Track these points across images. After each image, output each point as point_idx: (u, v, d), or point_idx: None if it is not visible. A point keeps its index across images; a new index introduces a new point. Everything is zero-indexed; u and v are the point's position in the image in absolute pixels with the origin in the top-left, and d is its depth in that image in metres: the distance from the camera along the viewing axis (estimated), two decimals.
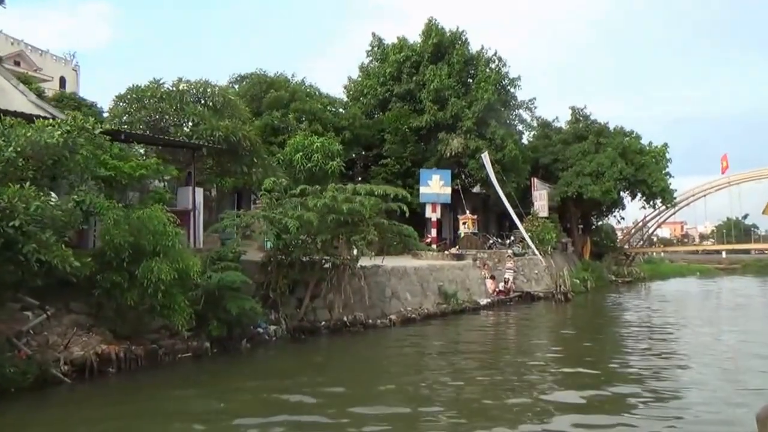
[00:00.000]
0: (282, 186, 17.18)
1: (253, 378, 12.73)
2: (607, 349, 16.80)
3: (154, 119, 21.09)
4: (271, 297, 17.05)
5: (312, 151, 27.73)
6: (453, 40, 35.05)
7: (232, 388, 11.67)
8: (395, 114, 33.79)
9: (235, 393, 11.34)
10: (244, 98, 31.83)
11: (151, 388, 11.71)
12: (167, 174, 15.42)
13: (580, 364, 13.93)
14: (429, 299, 21.91)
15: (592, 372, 12.94)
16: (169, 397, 11.13)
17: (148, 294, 12.18)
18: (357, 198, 16.19)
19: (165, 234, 12.66)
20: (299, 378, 12.54)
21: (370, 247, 17.65)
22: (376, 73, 36.17)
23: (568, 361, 14.66)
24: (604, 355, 15.51)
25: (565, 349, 16.66)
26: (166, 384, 12.10)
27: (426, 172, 28.47)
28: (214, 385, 12.01)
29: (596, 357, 15.16)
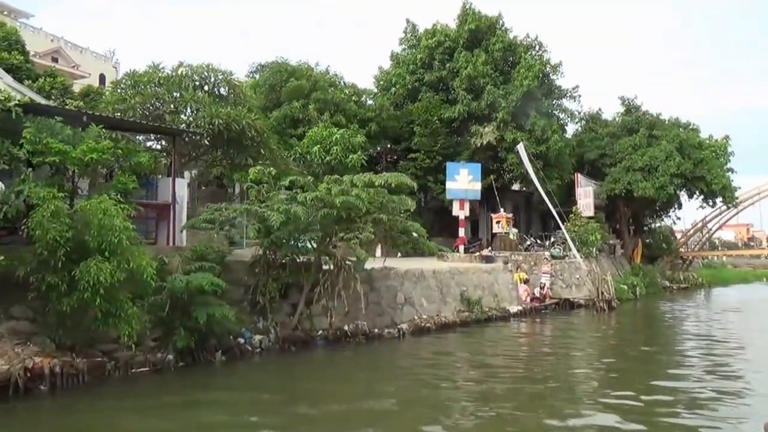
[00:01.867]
0: (271, 176, 15.12)
1: (210, 400, 10.70)
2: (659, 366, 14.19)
3: (150, 106, 19.40)
4: (260, 302, 15.07)
5: (331, 143, 25.76)
6: (491, 26, 32.44)
7: (176, 409, 9.74)
8: (425, 104, 31.44)
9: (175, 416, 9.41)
10: (263, 88, 30.17)
11: (75, 410, 9.83)
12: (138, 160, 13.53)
13: (626, 386, 11.55)
14: (449, 306, 19.54)
15: (641, 399, 10.54)
16: (88, 422, 9.27)
17: (85, 298, 10.32)
18: (354, 190, 13.99)
19: (112, 229, 10.77)
20: (270, 400, 10.66)
21: (369, 246, 15.39)
22: (406, 60, 33.85)
23: (613, 384, 12.23)
24: (656, 375, 12.94)
25: (607, 369, 14.08)
26: (98, 404, 10.20)
27: (453, 166, 26.01)
28: (157, 406, 10.08)
29: (645, 377, 12.61)
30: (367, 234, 13.87)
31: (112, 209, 10.96)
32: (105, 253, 10.75)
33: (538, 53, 32.68)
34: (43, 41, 51.40)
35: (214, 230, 14.00)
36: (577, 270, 26.64)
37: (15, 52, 30.25)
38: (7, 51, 30.16)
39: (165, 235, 15.36)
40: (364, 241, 14.23)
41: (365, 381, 12.55)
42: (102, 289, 10.20)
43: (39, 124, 12.06)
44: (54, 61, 48.39)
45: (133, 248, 11.12)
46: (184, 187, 15.95)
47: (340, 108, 28.97)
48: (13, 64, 29.36)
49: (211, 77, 21.38)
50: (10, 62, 29.39)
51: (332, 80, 30.97)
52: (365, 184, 14.52)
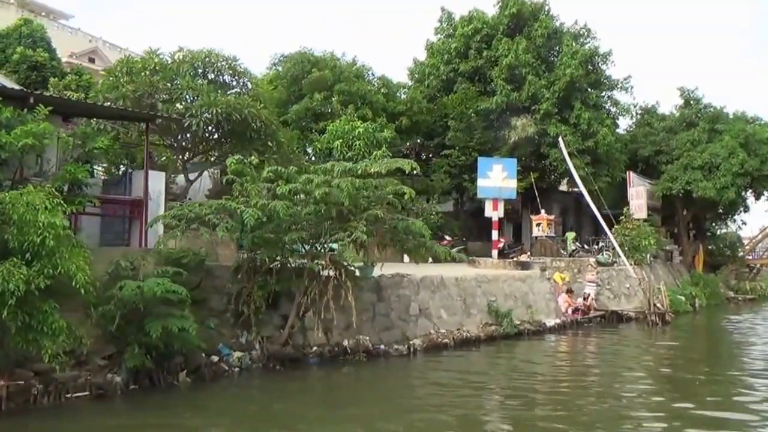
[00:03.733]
0: (252, 167, 13.07)
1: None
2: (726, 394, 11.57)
3: (142, 94, 17.65)
4: (244, 313, 13.02)
5: (354, 138, 23.64)
6: (535, 11, 29.76)
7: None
8: (460, 96, 28.93)
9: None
10: (284, 80, 28.33)
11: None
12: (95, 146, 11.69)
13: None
14: (473, 319, 17.08)
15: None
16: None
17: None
18: (335, 180, 11.75)
19: (35, 226, 8.88)
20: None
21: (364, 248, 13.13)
22: (440, 50, 31.43)
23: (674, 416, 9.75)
24: (726, 405, 10.57)
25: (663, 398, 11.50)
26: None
27: (485, 161, 23.42)
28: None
29: (712, 407, 10.25)
30: (358, 233, 11.59)
31: (37, 203, 9.08)
32: (26, 255, 8.91)
33: (586, 40, 29.79)
34: (80, 42, 51.27)
35: (178, 229, 11.94)
36: (627, 279, 23.73)
37: (40, 49, 29.52)
38: (32, 48, 29.43)
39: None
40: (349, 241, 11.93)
41: (360, 408, 10.37)
42: (12, 297, 8.32)
43: None
44: (91, 61, 48.07)
45: (63, 249, 9.22)
46: (160, 181, 14.03)
47: (366, 101, 26.81)
48: (38, 61, 28.59)
49: (216, 64, 19.57)
50: (35, 59, 28.61)
51: (359, 71, 28.83)
52: (344, 171, 12.17)
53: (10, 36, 31.03)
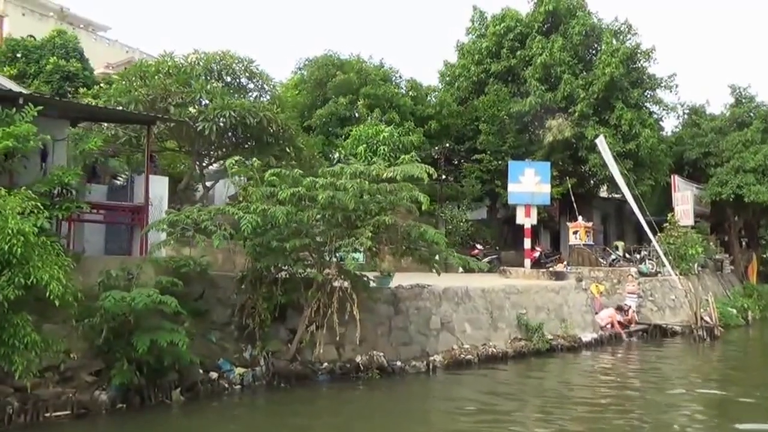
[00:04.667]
0: (255, 169, 12.22)
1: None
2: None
3: (155, 97, 17.04)
4: (249, 326, 12.17)
5: (378, 143, 22.70)
6: (571, 8, 28.38)
7: None
8: (492, 98, 27.69)
9: None
10: (308, 84, 27.61)
11: None
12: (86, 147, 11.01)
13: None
14: (500, 333, 15.87)
15: None
16: None
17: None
18: (340, 182, 10.81)
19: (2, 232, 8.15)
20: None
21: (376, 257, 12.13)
22: (471, 50, 30.26)
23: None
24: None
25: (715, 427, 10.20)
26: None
27: (516, 165, 22.14)
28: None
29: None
30: (363, 240, 10.58)
31: (7, 208, 8.37)
32: None
33: (626, 38, 28.24)
34: (117, 52, 51.62)
35: (172, 236, 11.16)
36: (672, 290, 22.11)
37: (73, 59, 29.54)
38: (66, 59, 29.48)
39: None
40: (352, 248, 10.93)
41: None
42: None
43: None
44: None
45: (35, 257, 8.48)
46: (163, 185, 13.31)
47: (393, 104, 25.86)
48: (70, 71, 28.57)
49: (231, 66, 18.90)
50: (67, 69, 28.61)
51: (386, 74, 27.90)
52: (354, 174, 11.21)
53: (44, 47, 31.19)
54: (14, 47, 30.20)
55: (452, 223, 25.30)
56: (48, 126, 12.21)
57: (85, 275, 10.86)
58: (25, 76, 26.29)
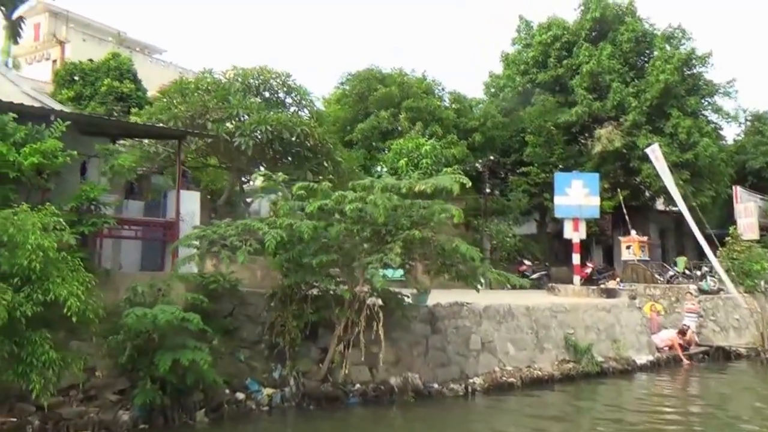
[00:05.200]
0: (282, 184, 11.86)
1: None
2: None
3: (194, 114, 17.01)
4: (279, 345, 11.76)
5: (420, 156, 22.20)
6: (620, 13, 27.39)
7: None
8: (538, 109, 26.88)
9: None
10: (350, 98, 27.36)
11: None
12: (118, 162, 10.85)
13: None
14: (547, 354, 15.03)
15: None
16: None
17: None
18: (370, 196, 10.32)
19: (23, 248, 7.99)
20: None
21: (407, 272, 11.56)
22: (516, 60, 29.55)
23: None
24: None
25: None
26: None
27: (563, 177, 21.19)
28: None
29: None
30: (393, 255, 10.04)
31: (27, 223, 8.21)
32: (15, 280, 8.04)
33: (680, 43, 27.06)
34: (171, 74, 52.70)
35: (198, 252, 10.87)
36: (736, 309, 20.74)
37: (126, 81, 30.21)
38: (119, 81, 30.17)
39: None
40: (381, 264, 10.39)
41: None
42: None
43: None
44: None
45: (55, 273, 8.28)
46: (194, 201, 13.11)
47: (435, 117, 25.35)
48: (123, 92, 29.20)
49: (269, 81, 18.79)
50: (121, 91, 29.26)
51: (428, 87, 27.44)
52: (385, 188, 10.71)
53: (99, 69, 32.04)
54: (72, 70, 31.13)
55: (498, 238, 24.52)
56: (87, 143, 12.27)
57: (116, 291, 10.72)
58: (82, 98, 26.92)
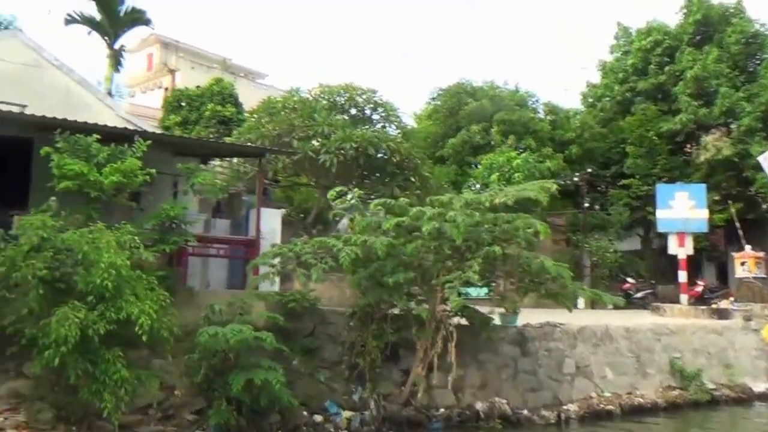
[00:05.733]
0: (357, 200, 11.58)
1: None
2: None
3: (280, 132, 17.20)
4: (360, 366, 11.45)
5: (512, 170, 21.47)
6: (726, 14, 25.53)
7: None
8: (639, 118, 25.38)
9: None
10: (440, 114, 26.99)
11: None
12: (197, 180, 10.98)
13: None
14: (649, 380, 13.88)
15: None
16: None
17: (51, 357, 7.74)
18: (449, 213, 9.83)
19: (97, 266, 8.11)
20: None
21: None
22: (614, 68, 28.12)
23: None
24: None
25: None
26: None
27: (665, 189, 19.70)
28: None
29: None
30: (471, 274, 9.48)
31: (101, 241, 8.34)
32: (89, 298, 8.17)
33: None
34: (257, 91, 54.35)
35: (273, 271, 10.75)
36: None
37: (228, 105, 31.45)
38: (222, 104, 31.44)
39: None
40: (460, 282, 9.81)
41: None
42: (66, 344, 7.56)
43: (74, 144, 10.05)
44: None
45: (128, 291, 8.36)
46: (275, 218, 13.12)
47: (529, 130, 24.51)
48: (225, 116, 30.40)
49: (355, 98, 18.74)
50: (223, 114, 30.48)
51: (521, 99, 26.62)
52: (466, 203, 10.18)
53: (204, 95, 33.55)
54: (179, 97, 32.77)
55: (598, 254, 23.25)
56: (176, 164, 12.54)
57: (199, 310, 10.76)
58: (188, 123, 28.15)
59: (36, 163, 10.94)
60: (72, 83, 14.80)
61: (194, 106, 30.34)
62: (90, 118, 12.18)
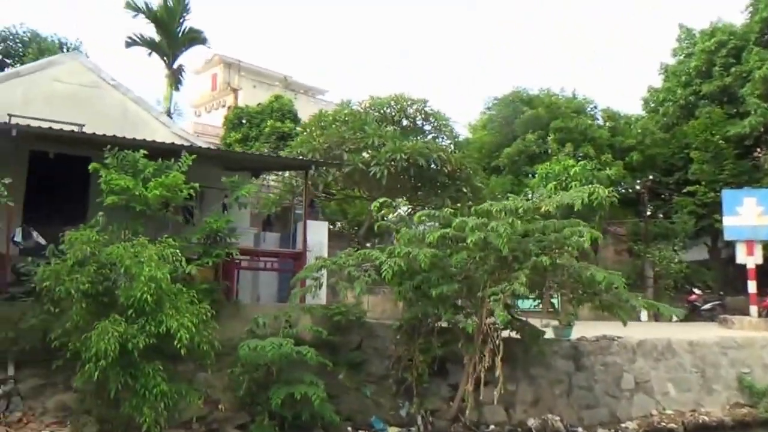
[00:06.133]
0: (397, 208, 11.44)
1: None
2: None
3: (331, 145, 17.24)
4: (407, 380, 11.23)
5: (568, 179, 20.83)
6: None
7: None
8: (704, 121, 24.23)
9: None
10: (495, 123, 26.57)
11: None
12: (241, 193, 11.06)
13: None
14: (715, 397, 13.10)
15: None
16: None
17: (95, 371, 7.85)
18: (492, 223, 9.52)
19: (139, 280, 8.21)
20: None
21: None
22: (677, 71, 27.01)
23: None
24: None
25: None
26: None
27: (732, 195, 18.66)
28: None
29: None
30: (518, 285, 9.13)
31: (144, 254, 8.45)
32: (130, 312, 8.26)
33: None
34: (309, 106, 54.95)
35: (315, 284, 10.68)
36: None
37: (287, 121, 32.02)
38: (281, 121, 32.04)
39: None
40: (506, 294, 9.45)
41: None
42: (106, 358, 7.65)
43: (122, 160, 10.28)
44: None
45: (168, 305, 8.42)
46: (322, 231, 13.07)
47: (587, 137, 23.81)
48: (284, 132, 30.96)
49: (405, 109, 18.63)
50: (282, 130, 31.06)
51: (579, 106, 25.89)
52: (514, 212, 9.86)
53: (264, 112, 34.29)
54: (240, 114, 33.58)
55: (662, 264, 22.29)
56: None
57: (246, 323, 10.81)
58: (248, 139, 28.75)
59: (93, 180, 11.24)
60: (129, 102, 15.20)
61: (254, 123, 30.99)
62: (146, 135, 12.51)
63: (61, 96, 14.41)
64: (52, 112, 13.60)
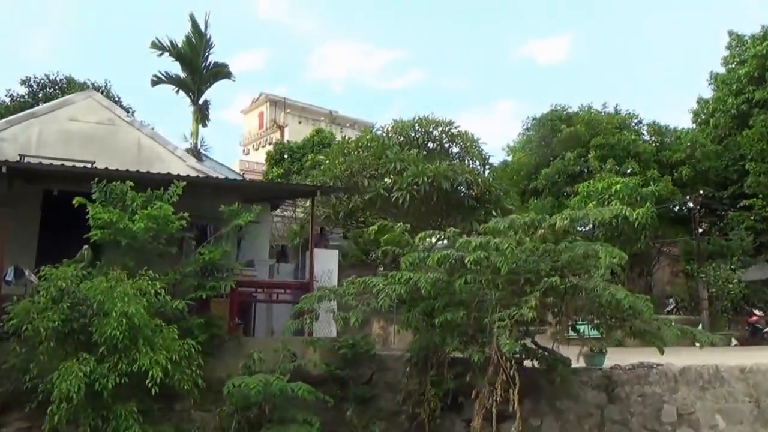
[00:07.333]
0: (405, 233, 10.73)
1: None
2: None
3: (352, 171, 16.82)
4: (420, 415, 10.42)
5: (611, 197, 19.74)
6: None
7: None
8: (759, 130, 22.62)
9: None
10: (533, 143, 25.65)
11: None
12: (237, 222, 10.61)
13: None
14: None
15: None
16: None
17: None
18: (493, 241, 8.71)
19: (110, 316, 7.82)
20: None
21: None
22: (727, 79, 25.44)
23: None
24: None
25: None
26: None
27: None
28: None
29: None
30: (527, 310, 8.25)
31: (118, 290, 8.05)
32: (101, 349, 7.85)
33: None
34: None
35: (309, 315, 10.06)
36: None
37: None
38: (322, 154, 32.09)
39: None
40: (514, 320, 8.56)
41: None
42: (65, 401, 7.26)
43: (109, 194, 10.01)
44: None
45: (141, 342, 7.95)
46: (332, 259, 12.47)
47: (631, 153, 22.60)
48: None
49: (430, 132, 18.07)
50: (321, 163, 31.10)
51: (622, 121, 24.68)
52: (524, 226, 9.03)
53: (305, 146, 34.52)
54: (281, 150, 33.79)
55: (717, 285, 20.68)
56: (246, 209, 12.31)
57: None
58: (289, 174, 28.77)
59: None
60: (143, 137, 15.19)
61: (296, 158, 31.02)
62: (161, 169, 12.34)
63: (77, 134, 14.50)
64: (67, 151, 13.68)
